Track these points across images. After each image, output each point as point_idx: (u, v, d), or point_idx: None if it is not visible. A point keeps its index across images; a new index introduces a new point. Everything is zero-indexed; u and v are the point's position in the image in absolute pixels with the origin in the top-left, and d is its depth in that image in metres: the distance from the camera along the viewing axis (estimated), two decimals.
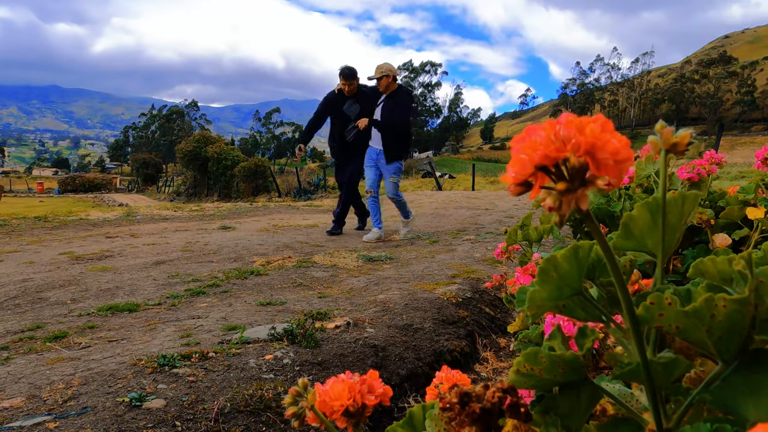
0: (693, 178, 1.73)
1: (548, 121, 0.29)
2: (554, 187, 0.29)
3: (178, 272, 3.70)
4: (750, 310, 0.30)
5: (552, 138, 0.28)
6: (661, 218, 0.35)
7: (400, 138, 5.34)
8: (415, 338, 2.28)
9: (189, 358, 1.78)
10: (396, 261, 4.16)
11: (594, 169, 0.28)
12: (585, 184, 0.29)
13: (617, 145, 0.28)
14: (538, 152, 0.28)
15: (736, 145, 76.52)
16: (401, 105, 5.26)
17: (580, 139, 0.27)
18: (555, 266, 0.37)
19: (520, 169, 0.29)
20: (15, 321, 2.54)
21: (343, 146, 5.78)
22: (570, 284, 0.37)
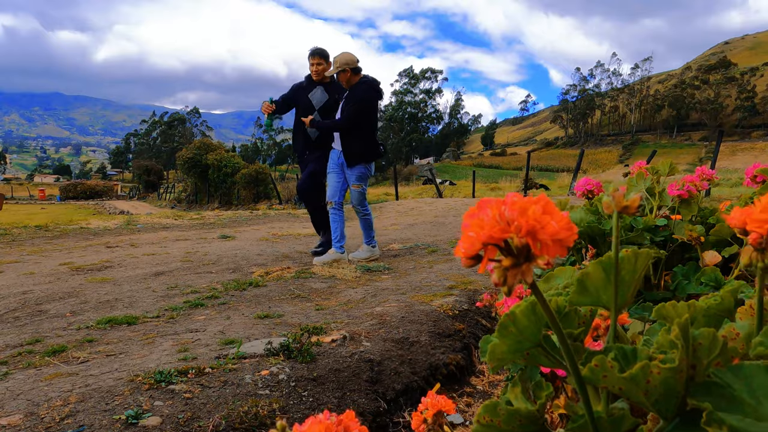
0: (683, 195, 1.75)
1: (496, 200, 0.32)
2: (500, 263, 0.31)
3: (177, 283, 3.72)
4: (682, 376, 0.32)
5: (497, 219, 0.30)
6: (614, 275, 0.37)
7: (360, 137, 4.57)
8: (411, 352, 2.29)
9: (185, 373, 1.79)
10: (394, 271, 4.18)
11: (535, 249, 0.30)
12: (530, 259, 0.31)
13: (556, 227, 0.30)
14: (485, 231, 0.30)
15: (737, 150, 76.59)
16: (354, 99, 4.49)
17: (521, 221, 0.30)
18: (514, 321, 0.39)
19: (469, 246, 0.31)
20: (14, 334, 2.56)
21: (306, 143, 4.95)
22: (529, 338, 0.39)
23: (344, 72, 4.51)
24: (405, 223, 8.41)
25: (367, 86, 4.54)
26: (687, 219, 1.77)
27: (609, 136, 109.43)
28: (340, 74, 4.53)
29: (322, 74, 4.80)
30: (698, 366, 0.33)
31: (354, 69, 4.54)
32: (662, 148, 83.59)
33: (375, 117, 4.71)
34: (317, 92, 4.87)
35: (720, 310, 0.45)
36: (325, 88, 4.86)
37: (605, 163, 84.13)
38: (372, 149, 4.67)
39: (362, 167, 4.64)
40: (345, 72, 4.51)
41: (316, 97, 4.84)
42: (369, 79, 4.58)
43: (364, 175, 4.67)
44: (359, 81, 4.55)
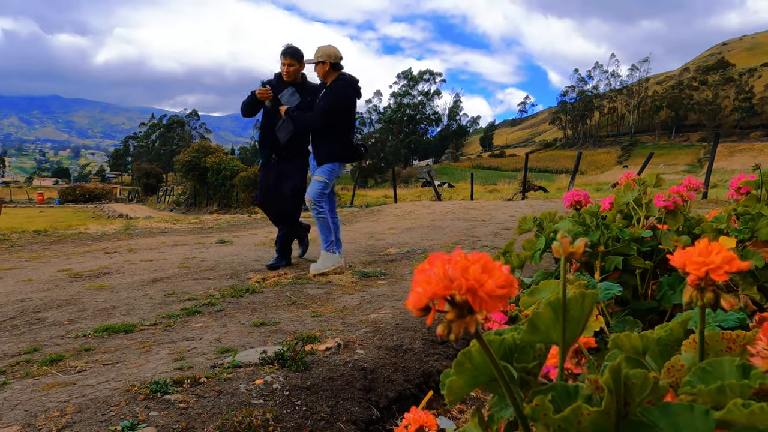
0: (669, 207, 1.78)
1: (443, 258, 0.35)
2: (445, 315, 0.34)
3: (174, 290, 3.74)
4: (611, 417, 0.35)
5: (441, 277, 0.34)
6: (562, 314, 0.40)
7: (335, 137, 4.28)
8: (405, 359, 2.32)
9: (181, 383, 1.82)
10: (391, 277, 4.21)
11: (475, 306, 0.33)
12: (472, 312, 0.34)
13: (492, 286, 0.33)
14: (431, 288, 0.33)
15: (735, 151, 76.71)
16: (331, 96, 4.20)
17: (461, 281, 0.33)
18: (469, 359, 0.42)
19: (417, 301, 0.34)
20: (13, 343, 2.59)
21: (274, 146, 4.58)
22: (484, 373, 0.42)
23: (322, 64, 4.25)
24: (402, 226, 8.44)
25: (345, 84, 4.25)
26: (673, 229, 1.80)
27: (608, 137, 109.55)
28: (318, 66, 4.26)
29: (294, 75, 4.52)
30: (632, 404, 0.36)
31: (333, 64, 4.26)
32: (661, 149, 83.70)
33: (352, 117, 4.43)
34: (287, 93, 4.55)
35: (670, 341, 0.48)
36: (297, 89, 4.54)
37: (604, 165, 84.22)
38: (347, 150, 4.37)
39: (334, 165, 4.32)
40: (323, 64, 4.24)
41: (285, 98, 4.53)
42: (347, 77, 4.28)
43: (332, 171, 4.32)
44: (337, 78, 4.26)
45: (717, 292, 0.43)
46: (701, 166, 74.26)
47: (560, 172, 68.63)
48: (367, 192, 37.82)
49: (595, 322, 1.17)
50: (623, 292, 1.75)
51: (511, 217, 9.24)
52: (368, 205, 18.22)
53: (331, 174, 4.31)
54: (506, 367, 0.42)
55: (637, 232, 1.69)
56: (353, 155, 4.43)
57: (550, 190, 23.42)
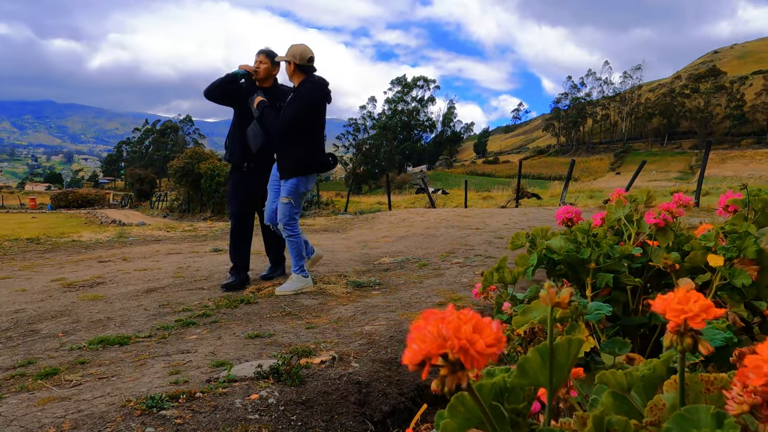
0: (659, 224, 1.81)
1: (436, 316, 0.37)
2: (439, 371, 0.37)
3: (168, 301, 3.75)
4: None
5: (436, 336, 0.36)
6: (549, 360, 0.43)
7: (301, 144, 3.96)
8: (399, 372, 2.34)
9: (177, 398, 1.83)
10: (385, 287, 4.23)
11: (467, 363, 0.36)
12: (464, 368, 0.36)
13: (482, 345, 0.36)
14: (426, 347, 0.36)
15: (727, 158, 77.41)
16: (298, 99, 3.92)
17: (454, 341, 0.35)
18: (462, 402, 0.44)
19: (413, 357, 0.37)
20: (7, 356, 2.59)
21: (245, 151, 4.34)
22: (476, 416, 0.44)
23: (287, 64, 4.01)
24: (396, 235, 8.46)
25: (313, 86, 3.96)
26: (663, 246, 1.83)
27: (600, 144, 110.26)
28: (286, 66, 4.04)
29: (264, 74, 4.27)
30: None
31: (299, 65, 3.98)
32: (653, 156, 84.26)
33: (320, 123, 4.10)
34: (254, 97, 4.28)
35: (654, 378, 0.51)
36: (266, 93, 4.27)
37: (597, 171, 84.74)
38: (314, 160, 4.04)
39: (297, 180, 3.97)
40: (288, 65, 4.00)
41: (253, 102, 4.25)
42: (316, 79, 4.01)
43: (298, 189, 3.99)
44: (303, 81, 3.98)
45: (695, 337, 0.46)
46: (693, 172, 74.83)
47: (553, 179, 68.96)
48: (361, 198, 37.86)
49: (586, 343, 1.19)
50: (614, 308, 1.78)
51: (505, 225, 9.28)
52: (362, 212, 18.25)
53: (296, 191, 4.00)
54: (497, 407, 0.44)
55: (627, 249, 1.72)
56: (320, 166, 4.10)
57: (544, 197, 23.52)
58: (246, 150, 4.32)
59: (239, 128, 4.34)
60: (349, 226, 11.25)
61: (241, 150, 4.33)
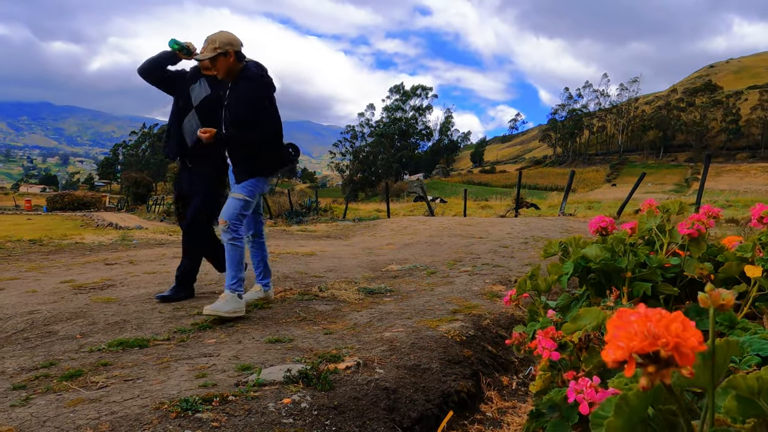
0: (693, 234, 1.83)
1: (639, 315, 0.38)
2: (646, 369, 0.37)
3: (182, 304, 3.74)
4: None
5: (645, 333, 0.37)
6: (711, 361, 0.43)
7: (254, 148, 3.48)
8: (424, 379, 2.34)
9: (210, 401, 1.83)
10: (396, 294, 4.23)
11: (678, 360, 0.36)
12: (668, 365, 0.37)
13: (694, 342, 0.36)
14: (635, 344, 0.36)
15: (722, 172, 77.83)
16: (245, 99, 3.40)
17: (668, 338, 0.36)
18: (626, 402, 0.45)
19: (620, 354, 0.37)
20: (27, 357, 2.57)
21: (181, 147, 3.89)
22: (638, 415, 0.45)
23: (225, 56, 3.39)
24: (400, 242, 8.47)
25: (256, 83, 3.44)
26: (696, 256, 1.85)
27: (597, 155, 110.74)
28: (219, 59, 3.39)
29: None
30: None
31: (238, 53, 3.45)
32: (649, 169, 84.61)
33: (278, 117, 3.62)
34: (198, 85, 3.87)
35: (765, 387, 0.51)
36: (209, 82, 3.86)
37: (593, 182, 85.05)
38: (273, 158, 3.58)
39: (255, 180, 3.51)
40: (227, 56, 3.39)
41: (195, 91, 3.86)
42: (254, 71, 3.46)
43: (255, 186, 3.51)
44: (242, 75, 3.44)
45: None
46: (688, 185, 75.21)
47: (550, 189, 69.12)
48: (359, 205, 37.86)
49: None
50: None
51: (508, 234, 9.30)
52: (361, 219, 18.25)
53: (254, 190, 3.50)
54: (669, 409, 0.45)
55: (664, 260, 1.73)
56: (281, 163, 3.64)
57: (542, 207, 23.57)
58: (182, 144, 3.89)
59: (177, 119, 3.89)
60: (351, 233, 11.26)
61: (176, 144, 3.90)
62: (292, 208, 23.73)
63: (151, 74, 3.86)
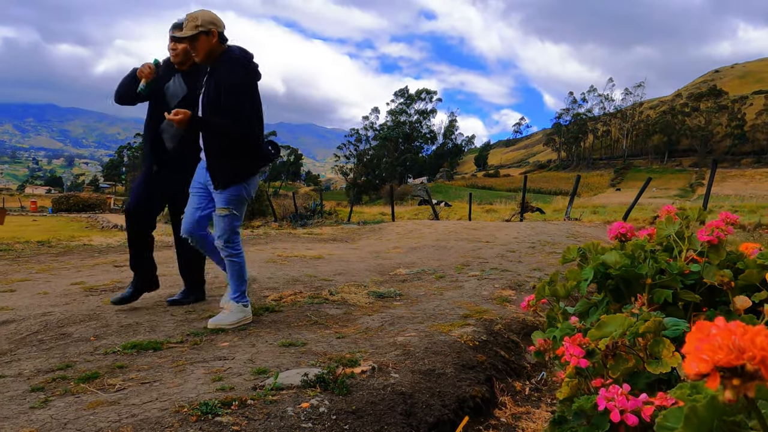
0: (713, 241, 1.83)
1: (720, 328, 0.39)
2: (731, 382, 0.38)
3: (193, 307, 3.75)
4: None
5: (730, 346, 0.37)
6: None
7: (234, 145, 3.14)
8: (439, 384, 2.34)
9: (229, 405, 1.83)
10: (406, 298, 4.23)
11: (765, 374, 0.37)
12: (753, 379, 0.37)
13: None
14: (720, 358, 0.37)
15: (727, 177, 77.64)
16: (227, 83, 3.04)
17: (755, 352, 0.36)
18: (695, 413, 0.45)
19: (703, 367, 0.38)
20: (42, 359, 2.59)
21: (155, 152, 3.64)
22: (706, 427, 0.45)
23: (207, 36, 3.03)
24: (407, 246, 8.47)
25: (241, 66, 3.12)
26: (715, 263, 1.85)
27: (601, 159, 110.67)
28: (201, 38, 3.01)
29: (182, 57, 3.54)
30: None
31: (222, 34, 3.11)
32: (653, 173, 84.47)
33: (259, 109, 3.23)
34: (172, 83, 3.57)
35: None
36: (184, 78, 3.56)
37: (597, 187, 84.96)
38: (254, 158, 3.23)
39: (237, 188, 3.15)
40: (209, 36, 3.03)
41: (170, 90, 3.56)
42: (238, 54, 3.14)
43: (240, 197, 3.18)
44: (225, 57, 3.10)
45: None
46: (693, 190, 75.04)
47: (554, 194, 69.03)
48: (363, 209, 37.90)
49: (672, 359, 1.20)
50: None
51: (515, 238, 9.29)
52: (366, 222, 18.27)
53: (239, 200, 3.18)
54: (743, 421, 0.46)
55: (684, 267, 1.73)
56: (262, 162, 3.31)
57: (547, 211, 23.57)
58: (158, 149, 3.63)
59: (153, 121, 3.62)
60: (357, 236, 11.26)
61: (151, 148, 3.64)
62: (297, 210, 23.76)
63: (128, 99, 3.64)
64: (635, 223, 14.46)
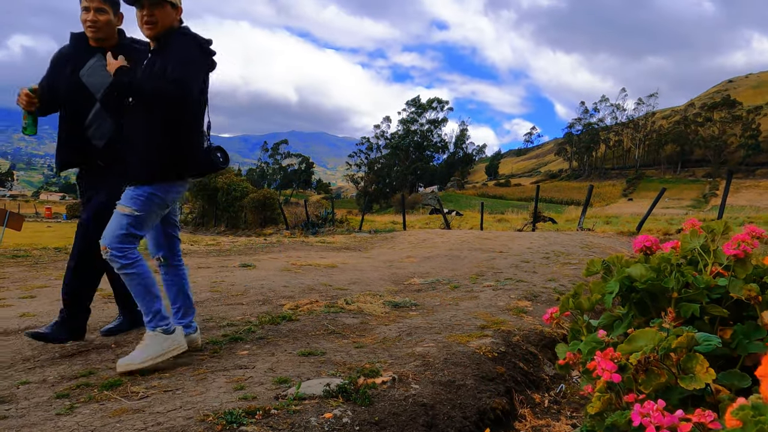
0: (739, 255, 1.82)
1: None
2: None
3: (211, 315, 3.77)
4: None
5: None
6: None
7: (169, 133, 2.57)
8: (459, 395, 2.33)
9: (253, 414, 1.84)
10: (421, 308, 4.23)
11: None
12: None
13: None
14: None
15: (741, 188, 76.88)
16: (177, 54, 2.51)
17: None
18: None
19: None
20: (65, 365, 2.61)
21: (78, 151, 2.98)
22: None
23: (174, 9, 2.61)
24: (420, 255, 8.46)
25: (196, 43, 2.63)
26: (741, 277, 1.83)
27: (613, 169, 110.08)
28: (166, 7, 2.56)
29: (103, 31, 2.86)
30: None
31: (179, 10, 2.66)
32: (666, 183, 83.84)
33: (202, 102, 2.72)
34: (92, 64, 2.89)
35: None
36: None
37: (609, 197, 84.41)
38: (185, 160, 2.64)
39: (153, 189, 2.56)
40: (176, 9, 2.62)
41: (92, 76, 2.89)
42: (192, 32, 2.67)
43: (149, 197, 2.55)
44: (178, 32, 2.62)
45: None
46: (706, 201, 74.37)
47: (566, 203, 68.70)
48: (374, 217, 37.93)
49: (706, 374, 1.20)
50: None
51: (528, 249, 9.25)
52: (378, 231, 18.27)
53: (149, 203, 2.56)
54: None
55: (711, 280, 1.72)
56: (197, 167, 2.72)
57: (559, 221, 23.44)
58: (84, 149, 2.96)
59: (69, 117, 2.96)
60: (369, 245, 11.27)
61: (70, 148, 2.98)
62: (309, 218, 23.84)
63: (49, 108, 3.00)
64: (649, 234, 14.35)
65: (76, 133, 2.95)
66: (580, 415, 2.61)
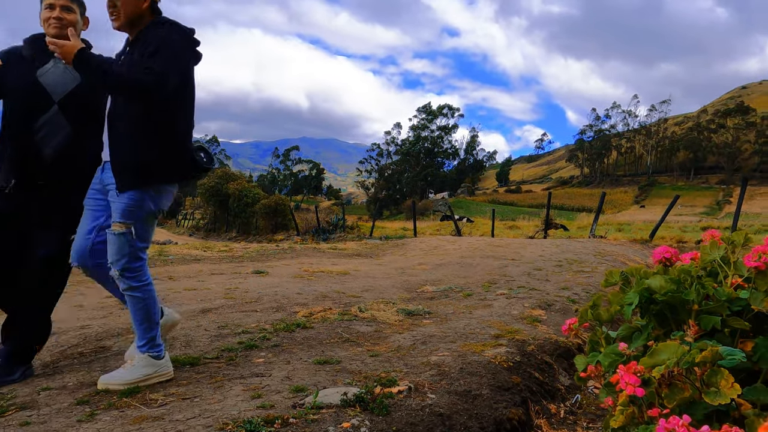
0: (760, 267, 1.80)
1: None
2: None
3: (226, 322, 3.79)
4: None
5: None
6: None
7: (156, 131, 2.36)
8: (475, 405, 2.33)
9: (272, 423, 1.85)
10: (435, 316, 4.22)
11: None
12: None
13: None
14: None
15: (756, 195, 76.03)
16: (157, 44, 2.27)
17: None
18: None
19: None
20: (84, 372, 2.64)
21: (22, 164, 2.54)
22: None
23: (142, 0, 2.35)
24: (432, 262, 8.46)
25: (177, 31, 2.40)
26: (762, 290, 1.82)
27: (625, 176, 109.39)
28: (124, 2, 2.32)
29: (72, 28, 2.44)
30: None
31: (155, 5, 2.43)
32: (679, 190, 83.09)
33: (190, 97, 2.52)
34: (53, 67, 2.57)
35: None
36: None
37: (621, 204, 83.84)
38: (173, 161, 2.43)
39: (142, 194, 2.36)
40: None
41: (50, 76, 2.56)
42: (171, 20, 2.43)
43: (143, 208, 2.38)
44: (156, 21, 2.40)
45: None
46: (720, 208, 73.65)
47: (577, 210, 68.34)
48: (385, 223, 37.94)
49: (731, 389, 1.19)
50: None
51: (540, 256, 9.21)
52: (389, 237, 18.29)
53: (140, 212, 2.37)
54: None
55: (733, 293, 1.71)
56: (185, 170, 2.50)
57: (571, 228, 23.31)
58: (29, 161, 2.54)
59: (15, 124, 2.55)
60: (381, 252, 11.28)
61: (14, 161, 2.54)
62: (320, 225, 23.90)
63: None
64: (662, 242, 14.22)
65: (23, 142, 2.54)
66: (596, 426, 2.60)
